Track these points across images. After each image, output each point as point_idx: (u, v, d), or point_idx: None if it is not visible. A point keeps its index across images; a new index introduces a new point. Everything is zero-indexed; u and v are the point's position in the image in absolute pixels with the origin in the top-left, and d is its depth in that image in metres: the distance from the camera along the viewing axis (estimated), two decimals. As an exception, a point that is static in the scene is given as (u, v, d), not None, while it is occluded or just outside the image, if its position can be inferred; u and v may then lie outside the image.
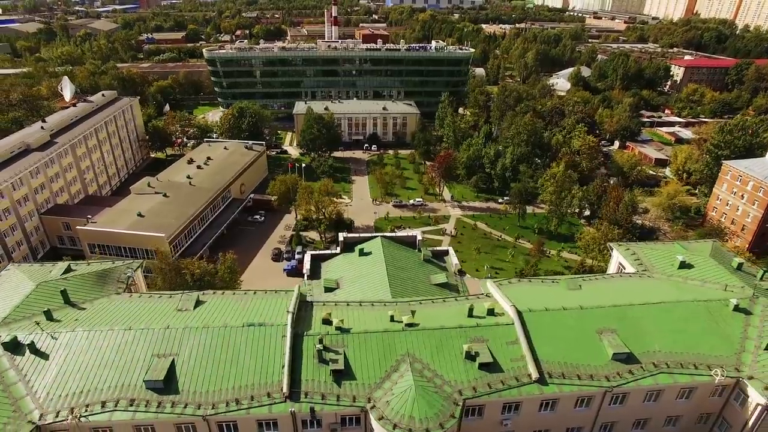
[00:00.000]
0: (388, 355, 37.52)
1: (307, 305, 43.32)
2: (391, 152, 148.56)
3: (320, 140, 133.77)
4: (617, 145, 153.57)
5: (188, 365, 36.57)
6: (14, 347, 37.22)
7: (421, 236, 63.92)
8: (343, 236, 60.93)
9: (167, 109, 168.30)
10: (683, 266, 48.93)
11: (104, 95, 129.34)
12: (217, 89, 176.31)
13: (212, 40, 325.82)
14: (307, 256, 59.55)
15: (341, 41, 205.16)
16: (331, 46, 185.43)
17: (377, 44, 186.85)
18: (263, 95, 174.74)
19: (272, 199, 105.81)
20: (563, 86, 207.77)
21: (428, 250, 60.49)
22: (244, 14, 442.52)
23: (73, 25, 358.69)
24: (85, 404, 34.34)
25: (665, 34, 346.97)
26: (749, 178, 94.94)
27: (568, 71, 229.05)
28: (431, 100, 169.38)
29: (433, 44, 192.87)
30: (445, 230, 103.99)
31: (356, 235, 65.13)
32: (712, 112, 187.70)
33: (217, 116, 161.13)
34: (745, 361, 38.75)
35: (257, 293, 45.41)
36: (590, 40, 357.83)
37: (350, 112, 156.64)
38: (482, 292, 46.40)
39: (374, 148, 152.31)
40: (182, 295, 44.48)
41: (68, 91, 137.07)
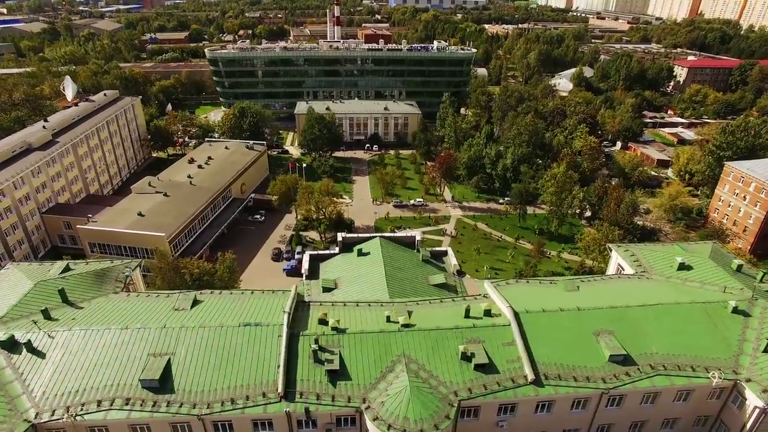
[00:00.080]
0: (383, 355, 37.46)
1: (304, 305, 43.34)
2: (392, 152, 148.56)
3: (321, 140, 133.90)
4: (619, 145, 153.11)
5: (184, 365, 36.60)
6: (11, 346, 37.33)
7: (420, 236, 63.81)
8: (341, 236, 60.80)
9: (169, 108, 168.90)
10: (682, 268, 48.66)
11: (106, 95, 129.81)
12: (219, 89, 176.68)
13: (215, 40, 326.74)
14: (305, 256, 59.49)
15: (343, 41, 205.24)
16: (332, 46, 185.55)
17: (379, 44, 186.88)
18: (265, 95, 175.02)
19: (273, 198, 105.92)
20: (565, 87, 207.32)
21: (427, 250, 60.30)
22: (247, 14, 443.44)
23: (76, 25, 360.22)
24: (80, 403, 34.41)
25: (668, 34, 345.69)
26: (751, 179, 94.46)
27: (570, 72, 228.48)
28: (433, 100, 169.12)
29: (435, 44, 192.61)
30: (445, 231, 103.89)
31: (355, 235, 65.04)
32: (715, 113, 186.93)
33: (219, 116, 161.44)
34: (743, 363, 38.53)
35: (254, 293, 45.42)
36: (593, 40, 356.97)
37: (352, 112, 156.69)
38: (481, 292, 46.33)
39: (375, 148, 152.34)
40: (179, 294, 44.55)
41: (70, 90, 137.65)
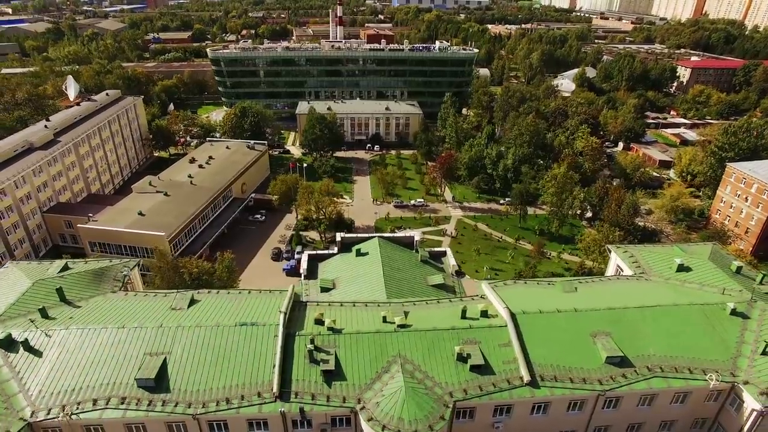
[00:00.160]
0: (379, 356, 37.39)
1: (300, 305, 43.35)
2: (393, 152, 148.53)
3: (322, 140, 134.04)
4: (621, 146, 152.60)
5: (180, 364, 36.63)
6: (8, 344, 37.43)
7: (420, 237, 63.75)
8: (340, 236, 60.74)
9: (171, 108, 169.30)
10: (681, 269, 48.39)
11: (108, 94, 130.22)
12: (221, 89, 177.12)
13: (218, 39, 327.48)
14: (304, 256, 59.50)
15: (345, 41, 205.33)
16: (334, 46, 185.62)
17: (381, 44, 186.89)
18: (267, 95, 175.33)
19: (273, 198, 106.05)
20: (568, 87, 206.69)
21: (426, 250, 60.24)
22: (250, 14, 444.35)
23: (80, 24, 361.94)
24: (76, 402, 34.46)
25: (672, 34, 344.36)
26: (753, 180, 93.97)
27: (573, 72, 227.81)
28: (435, 100, 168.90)
29: (436, 44, 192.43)
30: (445, 231, 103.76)
31: (354, 235, 65.02)
32: (718, 113, 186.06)
33: (220, 116, 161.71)
34: (740, 365, 38.28)
35: (251, 293, 45.45)
36: (596, 40, 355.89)
37: (353, 112, 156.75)
38: (480, 293, 46.21)
39: (377, 148, 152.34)
40: (176, 294, 44.60)
41: (72, 90, 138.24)
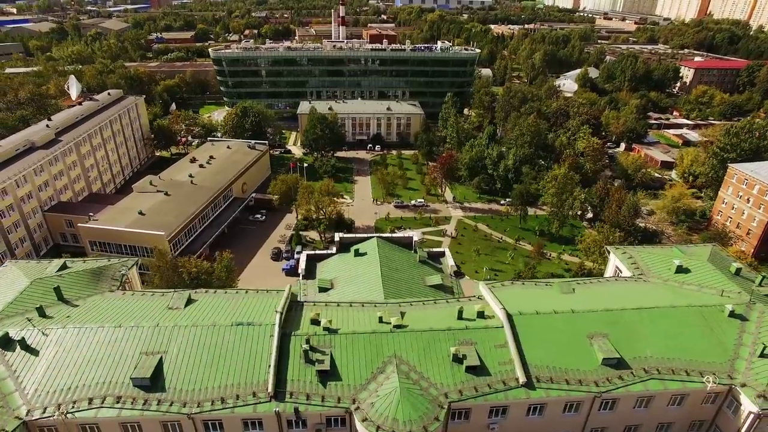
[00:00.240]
0: (374, 356, 37.36)
1: (297, 305, 43.34)
2: (394, 153, 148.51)
3: (323, 140, 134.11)
4: (623, 147, 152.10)
5: (175, 363, 36.68)
6: (5, 343, 37.51)
7: (418, 237, 63.68)
8: (339, 236, 60.75)
9: (173, 108, 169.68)
10: (680, 271, 48.18)
11: (110, 94, 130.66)
12: (222, 88, 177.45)
13: (221, 39, 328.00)
14: (302, 256, 59.52)
15: (347, 41, 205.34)
16: (336, 46, 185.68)
17: (383, 44, 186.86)
18: (268, 95, 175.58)
19: (273, 198, 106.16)
20: (570, 87, 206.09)
21: (424, 251, 60.26)
22: (253, 14, 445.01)
23: (84, 24, 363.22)
24: (72, 401, 34.53)
25: (676, 35, 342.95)
26: (755, 181, 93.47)
27: (575, 72, 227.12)
28: (436, 100, 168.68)
29: (438, 45, 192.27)
30: (445, 231, 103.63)
31: (352, 235, 65.02)
32: (721, 114, 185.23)
33: (222, 115, 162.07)
34: (738, 368, 38.08)
35: (249, 292, 45.47)
36: (600, 41, 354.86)
37: (354, 112, 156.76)
38: (477, 294, 46.13)
39: (378, 148, 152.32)
40: (174, 293, 44.67)
41: (74, 89, 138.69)
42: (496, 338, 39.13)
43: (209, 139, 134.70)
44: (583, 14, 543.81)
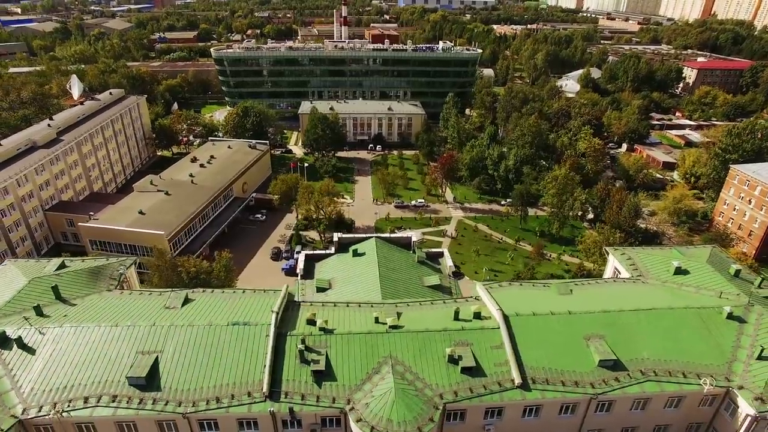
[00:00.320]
0: (370, 356, 37.33)
1: (294, 305, 43.36)
2: (395, 153, 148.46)
3: (324, 140, 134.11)
4: (625, 147, 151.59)
5: (171, 363, 36.74)
6: (2, 342, 37.61)
7: (417, 237, 63.59)
8: (337, 236, 60.75)
9: (175, 107, 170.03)
10: (679, 272, 47.99)
11: (112, 93, 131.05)
12: (224, 88, 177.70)
13: (223, 39, 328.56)
14: (300, 255, 59.54)
15: (348, 41, 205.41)
16: (337, 46, 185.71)
17: (384, 44, 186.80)
18: (270, 94, 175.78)
19: (273, 198, 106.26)
20: (572, 88, 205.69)
21: (423, 251, 60.17)
22: (256, 14, 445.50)
23: (88, 24, 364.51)
24: (67, 399, 34.63)
25: (679, 35, 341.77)
26: (757, 182, 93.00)
27: (578, 73, 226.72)
28: (438, 100, 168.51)
29: (440, 45, 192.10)
30: (445, 232, 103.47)
31: (351, 235, 65.01)
32: (724, 115, 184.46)
33: (223, 115, 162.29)
34: (736, 370, 37.88)
35: (246, 292, 45.53)
36: (602, 41, 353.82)
37: (356, 112, 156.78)
38: (474, 295, 46.04)
39: (379, 148, 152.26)
40: (171, 292, 44.76)
41: (76, 89, 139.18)
42: (492, 339, 39.05)
43: (210, 138, 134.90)
44: (586, 14, 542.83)
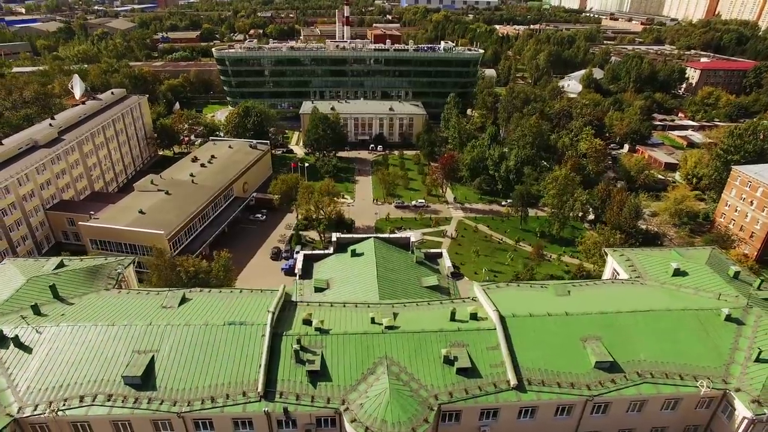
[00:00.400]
0: (365, 357, 37.28)
1: (291, 305, 43.34)
2: (396, 153, 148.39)
3: (325, 140, 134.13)
4: (627, 148, 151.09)
5: (167, 362, 36.79)
6: (-1, 340, 37.87)
7: (416, 238, 63.43)
8: (336, 236, 60.74)
9: (177, 107, 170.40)
10: (677, 273, 47.77)
11: (113, 93, 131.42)
12: (226, 88, 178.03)
13: (226, 39, 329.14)
14: (299, 255, 59.53)
15: (350, 41, 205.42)
16: (339, 46, 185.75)
17: (386, 44, 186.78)
18: (272, 94, 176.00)
19: (274, 198, 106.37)
20: (575, 88, 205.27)
21: (421, 252, 60.09)
22: (259, 14, 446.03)
23: (91, 24, 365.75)
24: (63, 398, 34.72)
25: (682, 35, 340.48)
26: (759, 184, 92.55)
27: (580, 73, 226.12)
28: (439, 100, 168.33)
29: (441, 45, 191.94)
30: (445, 232, 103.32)
31: (349, 235, 65.01)
32: (727, 115, 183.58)
33: (225, 115, 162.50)
34: (733, 372, 37.67)
35: (243, 292, 45.57)
36: (605, 41, 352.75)
37: (357, 112, 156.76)
38: (472, 295, 45.93)
39: (380, 148, 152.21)
40: (168, 292, 44.82)
41: (78, 88, 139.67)
42: (488, 340, 38.95)
43: (211, 138, 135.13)
44: (589, 15, 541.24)
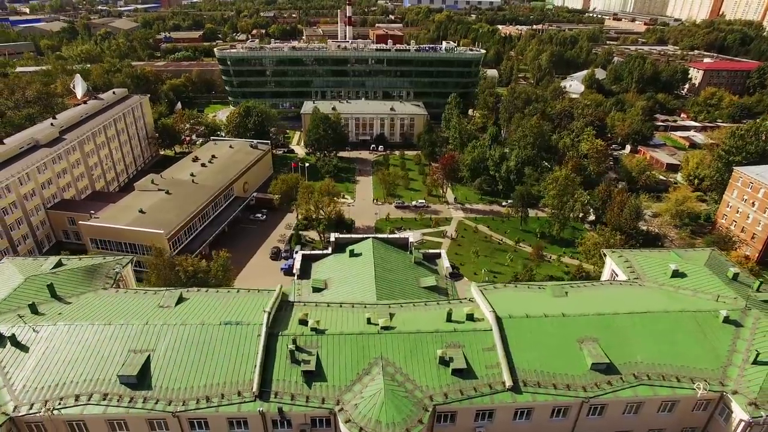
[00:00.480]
0: (361, 357, 37.23)
1: (287, 305, 43.33)
2: (397, 153, 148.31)
3: (326, 140, 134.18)
4: (628, 149, 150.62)
5: (163, 361, 36.83)
6: (-4, 339, 37.96)
7: (416, 238, 63.49)
8: (334, 236, 60.78)
9: (179, 107, 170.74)
10: (676, 275, 47.56)
11: (115, 93, 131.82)
12: (228, 88, 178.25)
13: (228, 39, 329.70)
14: (297, 255, 59.56)
15: (351, 41, 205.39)
16: (341, 46, 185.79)
17: (388, 45, 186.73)
18: (273, 94, 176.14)
19: (274, 198, 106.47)
20: (577, 89, 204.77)
21: (420, 252, 60.04)
22: (261, 14, 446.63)
23: (95, 24, 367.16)
24: (59, 397, 34.79)
25: (686, 36, 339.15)
26: (761, 185, 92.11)
27: (582, 73, 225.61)
28: (441, 101, 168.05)
29: (443, 45, 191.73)
30: (445, 233, 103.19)
31: (348, 235, 65.03)
32: (730, 116, 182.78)
33: (226, 115, 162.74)
34: (730, 375, 37.47)
35: (240, 291, 45.60)
36: (608, 42, 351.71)
37: (358, 112, 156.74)
38: (469, 296, 45.83)
39: (381, 148, 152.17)
40: (165, 291, 44.89)
41: (80, 88, 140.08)
42: (484, 341, 38.84)
43: (212, 138, 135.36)
44: (592, 15, 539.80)
